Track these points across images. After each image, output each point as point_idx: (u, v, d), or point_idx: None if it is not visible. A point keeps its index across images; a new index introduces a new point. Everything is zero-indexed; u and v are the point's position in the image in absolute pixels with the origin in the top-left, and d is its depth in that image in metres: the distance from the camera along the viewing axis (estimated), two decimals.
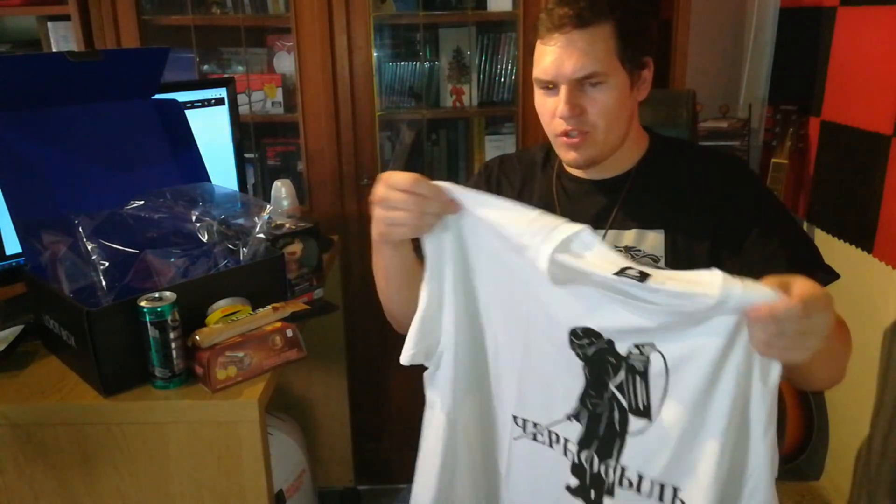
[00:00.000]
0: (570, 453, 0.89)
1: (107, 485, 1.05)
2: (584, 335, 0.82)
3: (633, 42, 1.01)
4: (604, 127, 1.02)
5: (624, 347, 0.80)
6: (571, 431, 0.87)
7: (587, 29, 0.99)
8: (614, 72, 1.00)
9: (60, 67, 1.18)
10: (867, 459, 1.77)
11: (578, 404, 0.86)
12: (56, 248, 1.08)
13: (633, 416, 0.82)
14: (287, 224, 1.34)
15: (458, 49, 2.13)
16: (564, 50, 1.00)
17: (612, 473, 0.85)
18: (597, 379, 0.83)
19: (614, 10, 1.00)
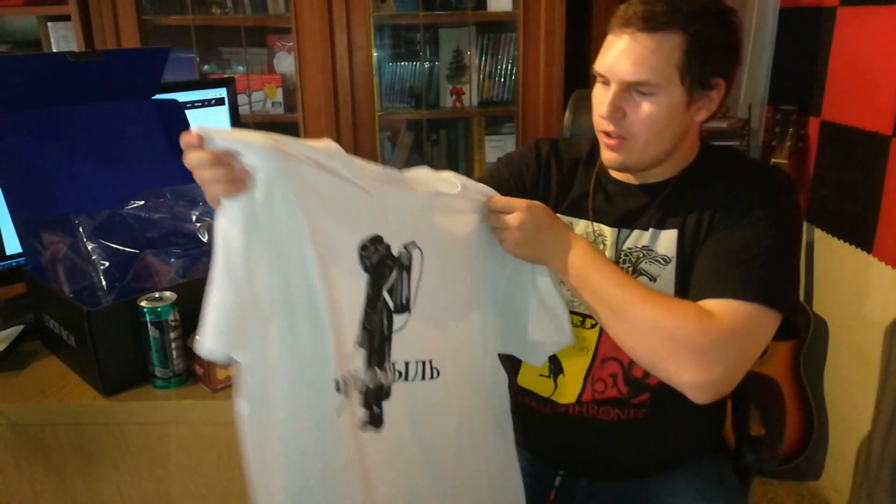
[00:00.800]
0: (360, 383, 0.88)
1: (107, 485, 1.06)
2: (370, 244, 0.89)
3: (703, 59, 0.95)
4: (644, 137, 0.98)
5: (396, 249, 0.91)
6: (359, 360, 0.88)
7: (653, 34, 0.94)
8: (669, 85, 0.95)
9: (60, 67, 1.18)
10: (867, 459, 1.77)
11: (360, 329, 0.88)
12: (56, 248, 1.08)
13: (396, 315, 0.92)
14: None
15: (458, 49, 2.13)
16: (625, 49, 0.96)
17: (389, 373, 0.92)
18: (375, 288, 0.90)
19: (691, 22, 0.93)
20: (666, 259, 1.02)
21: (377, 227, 0.88)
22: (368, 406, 0.90)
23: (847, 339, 1.86)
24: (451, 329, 0.97)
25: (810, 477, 2.05)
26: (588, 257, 0.95)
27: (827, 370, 1.96)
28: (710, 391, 0.90)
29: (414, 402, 0.94)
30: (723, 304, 0.90)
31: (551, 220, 0.97)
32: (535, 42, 1.98)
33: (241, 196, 0.76)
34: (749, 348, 0.92)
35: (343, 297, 0.86)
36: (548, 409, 1.08)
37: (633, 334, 0.93)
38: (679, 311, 0.91)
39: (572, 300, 1.04)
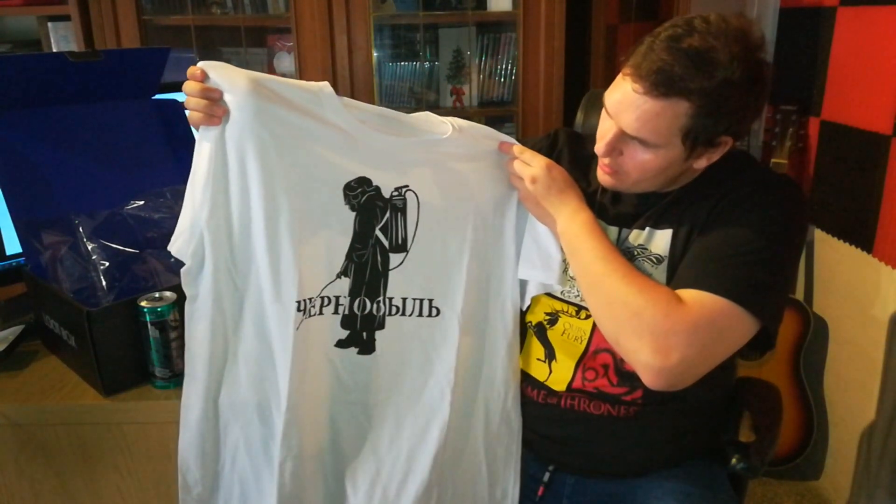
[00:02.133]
0: (341, 308, 0.99)
1: (107, 485, 1.06)
2: (357, 185, 0.96)
3: (709, 124, 0.92)
4: (636, 178, 0.99)
5: (387, 192, 0.98)
6: (342, 287, 0.98)
7: (659, 101, 0.90)
8: (668, 145, 0.94)
9: (60, 67, 1.18)
10: (867, 459, 1.77)
11: (346, 261, 0.98)
12: (56, 248, 1.08)
13: (392, 254, 1.00)
14: None
15: (458, 49, 2.13)
16: (632, 103, 0.92)
17: (382, 307, 1.00)
18: (365, 226, 0.98)
19: (703, 91, 0.89)
20: (659, 258, 1.02)
21: (364, 169, 0.96)
22: (354, 330, 1.00)
23: (847, 339, 1.85)
24: (452, 271, 1.02)
25: (810, 477, 2.05)
26: (586, 228, 0.99)
27: (827, 370, 1.96)
28: (664, 378, 0.90)
29: (409, 336, 1.02)
30: (694, 295, 0.91)
31: (565, 185, 1.02)
32: (535, 42, 1.98)
33: (214, 128, 0.89)
34: (713, 343, 0.91)
35: (320, 231, 0.95)
36: (541, 395, 1.09)
37: (603, 307, 0.96)
38: (650, 293, 0.92)
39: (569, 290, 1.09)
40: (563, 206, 1.00)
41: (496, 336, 1.06)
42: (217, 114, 0.89)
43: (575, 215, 1.00)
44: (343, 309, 0.99)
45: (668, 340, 0.88)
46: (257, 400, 0.96)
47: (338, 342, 1.00)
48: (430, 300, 1.02)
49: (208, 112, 0.89)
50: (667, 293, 0.92)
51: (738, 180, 1.01)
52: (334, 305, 0.99)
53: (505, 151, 1.03)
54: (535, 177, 0.99)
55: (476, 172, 1.02)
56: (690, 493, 1.06)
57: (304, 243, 0.94)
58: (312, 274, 0.95)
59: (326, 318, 0.98)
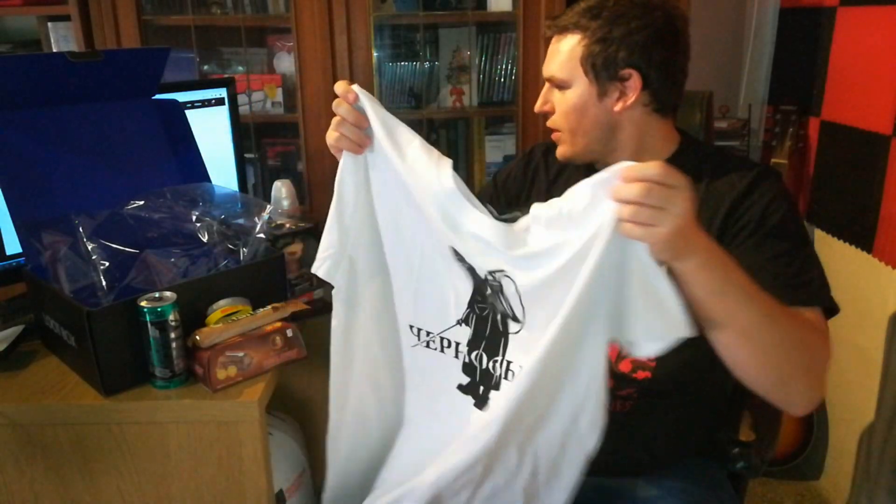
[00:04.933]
0: (461, 354, 0.96)
1: (107, 485, 1.06)
2: (455, 252, 0.92)
3: (605, 53, 1.01)
4: (567, 129, 1.08)
5: (482, 273, 0.90)
6: (462, 335, 0.95)
7: (561, 36, 1.05)
8: (575, 80, 1.04)
9: (60, 67, 1.18)
10: (867, 460, 1.77)
11: (468, 309, 0.94)
12: (56, 248, 1.08)
13: (510, 321, 0.91)
14: (287, 224, 1.34)
15: (458, 49, 2.13)
16: (548, 51, 1.09)
17: (499, 368, 0.92)
18: (478, 286, 0.93)
19: (593, 20, 1.02)
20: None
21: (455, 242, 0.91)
22: (474, 380, 0.96)
23: (847, 339, 1.85)
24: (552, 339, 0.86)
25: (810, 477, 2.05)
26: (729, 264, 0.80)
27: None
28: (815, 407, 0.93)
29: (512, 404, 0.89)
30: (816, 315, 0.93)
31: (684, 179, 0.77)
32: (535, 42, 1.98)
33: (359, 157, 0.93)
34: None
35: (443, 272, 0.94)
36: None
37: (774, 350, 0.84)
38: (810, 327, 0.90)
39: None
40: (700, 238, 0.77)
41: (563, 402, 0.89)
42: (364, 143, 0.91)
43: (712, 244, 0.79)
44: (463, 357, 0.96)
45: (825, 375, 0.90)
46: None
47: (459, 385, 0.97)
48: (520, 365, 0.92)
49: (357, 140, 0.91)
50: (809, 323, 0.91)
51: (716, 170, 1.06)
52: (455, 350, 0.97)
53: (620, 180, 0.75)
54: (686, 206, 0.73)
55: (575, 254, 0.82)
56: (690, 492, 1.06)
57: (425, 279, 0.96)
58: (431, 309, 0.97)
59: (448, 358, 0.97)
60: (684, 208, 0.72)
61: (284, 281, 1.26)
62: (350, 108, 0.90)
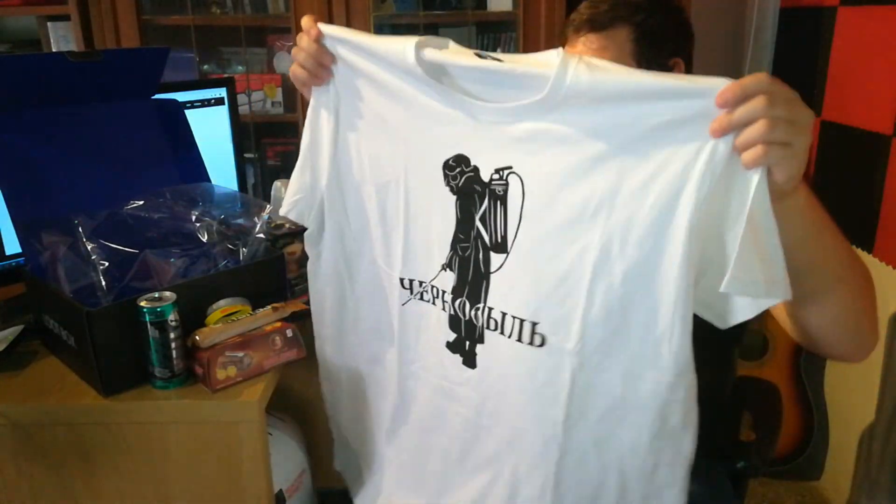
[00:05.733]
0: (447, 305, 0.87)
1: (107, 485, 1.05)
2: (455, 164, 0.80)
3: (653, 44, 1.03)
4: None
5: (487, 174, 0.78)
6: (447, 282, 0.86)
7: (602, 33, 1.02)
8: None
9: (60, 67, 1.18)
10: (867, 459, 1.77)
11: (451, 251, 0.85)
12: (56, 248, 1.08)
13: (493, 254, 0.80)
14: (287, 224, 1.34)
15: None
16: (581, 51, 1.03)
17: (482, 316, 0.83)
18: (466, 215, 0.82)
19: (634, 13, 1.02)
20: None
21: (462, 144, 0.79)
22: (460, 336, 0.87)
23: None
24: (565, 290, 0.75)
25: (810, 477, 2.05)
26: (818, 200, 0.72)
27: (827, 370, 1.96)
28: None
29: (509, 361, 0.81)
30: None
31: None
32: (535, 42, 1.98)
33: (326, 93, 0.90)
34: None
35: (425, 211, 0.87)
36: None
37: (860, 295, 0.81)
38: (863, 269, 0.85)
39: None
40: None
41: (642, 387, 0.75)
42: (324, 77, 0.90)
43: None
44: (448, 307, 0.86)
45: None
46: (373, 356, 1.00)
47: (447, 343, 0.88)
48: (534, 324, 0.78)
49: (315, 73, 0.90)
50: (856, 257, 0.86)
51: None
52: (441, 301, 0.87)
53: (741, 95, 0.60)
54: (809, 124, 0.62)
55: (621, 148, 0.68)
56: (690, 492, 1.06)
57: (411, 221, 0.88)
58: (420, 255, 0.88)
59: (438, 310, 0.88)
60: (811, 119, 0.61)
61: (284, 281, 1.26)
62: (311, 41, 0.88)
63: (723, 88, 0.60)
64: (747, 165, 0.61)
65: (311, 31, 0.88)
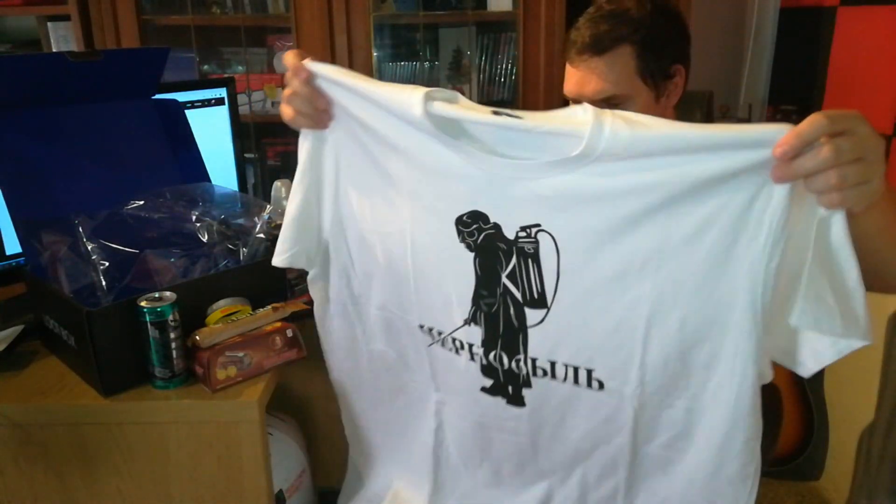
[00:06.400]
0: (477, 357, 0.85)
1: (107, 485, 1.05)
2: (470, 221, 0.77)
3: (656, 56, 1.05)
4: None
5: (511, 231, 0.75)
6: (474, 335, 0.84)
7: (605, 55, 1.03)
8: (636, 91, 1.05)
9: (60, 67, 1.18)
10: (867, 459, 1.77)
11: (473, 307, 0.82)
12: (56, 248, 1.08)
13: (528, 309, 0.78)
14: None
15: (458, 49, 2.13)
16: (585, 74, 1.05)
17: (525, 366, 0.82)
18: (488, 272, 0.79)
19: (635, 31, 1.03)
20: None
21: (479, 201, 0.76)
22: (498, 381, 0.85)
23: None
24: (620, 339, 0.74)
25: (810, 477, 2.05)
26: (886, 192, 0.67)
27: (827, 370, 1.95)
28: None
29: (566, 400, 0.81)
30: None
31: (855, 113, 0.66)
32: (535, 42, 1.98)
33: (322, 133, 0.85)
34: None
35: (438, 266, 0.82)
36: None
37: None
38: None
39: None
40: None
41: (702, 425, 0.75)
42: (323, 121, 0.84)
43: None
44: (479, 359, 0.85)
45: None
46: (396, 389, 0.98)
47: (482, 388, 0.87)
48: (590, 371, 0.78)
49: (314, 118, 0.84)
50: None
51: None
52: (469, 353, 0.86)
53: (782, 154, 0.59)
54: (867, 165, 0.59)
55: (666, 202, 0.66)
56: None
57: (420, 273, 0.84)
58: (437, 307, 0.85)
59: (464, 360, 0.86)
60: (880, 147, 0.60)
61: (284, 281, 1.26)
62: (301, 83, 0.82)
63: (780, 140, 0.58)
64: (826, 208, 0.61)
65: (299, 72, 0.81)
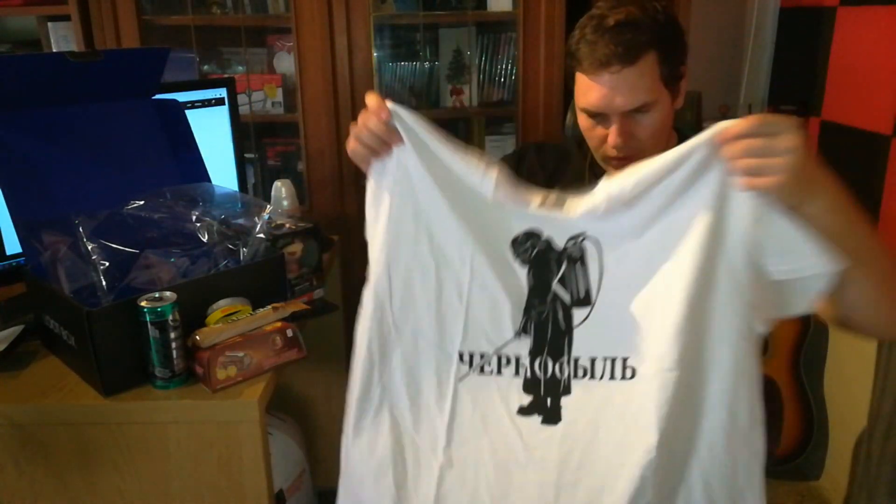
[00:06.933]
0: (522, 368, 0.90)
1: (107, 485, 1.06)
2: (525, 239, 0.89)
3: (673, 61, 1.04)
4: (651, 144, 1.04)
5: (560, 242, 0.88)
6: (522, 347, 0.90)
7: (636, 64, 1.00)
8: (661, 95, 1.04)
9: (60, 67, 1.18)
10: (867, 459, 1.77)
11: (524, 317, 0.90)
12: (56, 248, 1.08)
13: (575, 309, 0.89)
14: (287, 224, 1.34)
15: (458, 49, 2.12)
16: (615, 87, 1.01)
17: (567, 368, 0.89)
18: (540, 281, 0.90)
19: (656, 37, 1.01)
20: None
21: (531, 225, 0.89)
22: (538, 396, 0.90)
23: (847, 340, 1.85)
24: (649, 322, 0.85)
25: (810, 477, 2.05)
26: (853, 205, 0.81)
27: (827, 370, 1.96)
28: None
29: (601, 405, 0.87)
30: None
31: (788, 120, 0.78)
32: (535, 42, 1.98)
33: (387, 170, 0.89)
34: None
35: (492, 284, 0.89)
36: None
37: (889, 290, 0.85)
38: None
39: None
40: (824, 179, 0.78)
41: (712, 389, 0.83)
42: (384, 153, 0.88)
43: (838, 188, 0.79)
44: (524, 371, 0.90)
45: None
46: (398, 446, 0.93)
47: (520, 409, 0.90)
48: (625, 359, 0.86)
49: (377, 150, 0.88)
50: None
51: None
52: (514, 366, 0.91)
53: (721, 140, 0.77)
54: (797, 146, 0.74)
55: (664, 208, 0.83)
56: None
57: (475, 298, 0.90)
58: (485, 327, 0.90)
59: (506, 379, 0.90)
60: (793, 150, 0.73)
61: (284, 281, 1.26)
62: (380, 122, 0.86)
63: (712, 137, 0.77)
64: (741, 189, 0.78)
65: (380, 112, 0.85)
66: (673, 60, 1.04)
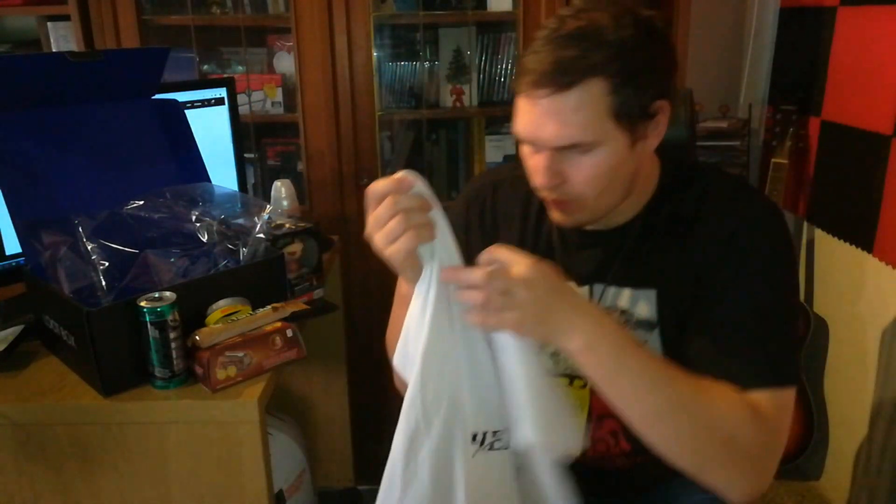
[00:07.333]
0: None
1: (107, 485, 1.06)
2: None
3: (636, 91, 0.81)
4: (592, 195, 0.86)
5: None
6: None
7: (571, 91, 0.78)
8: (606, 136, 0.81)
9: (60, 67, 1.18)
10: (867, 459, 1.77)
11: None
12: (56, 249, 1.08)
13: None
14: (287, 224, 1.34)
15: (458, 49, 2.12)
16: (544, 113, 0.80)
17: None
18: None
19: (611, 59, 0.78)
20: (650, 324, 0.93)
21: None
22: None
23: (847, 339, 1.85)
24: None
25: (810, 477, 2.05)
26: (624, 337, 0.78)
27: (827, 370, 1.96)
28: (755, 495, 0.80)
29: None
30: (764, 397, 0.81)
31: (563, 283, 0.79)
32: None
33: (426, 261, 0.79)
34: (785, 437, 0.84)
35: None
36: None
37: (679, 440, 0.78)
38: (733, 412, 0.78)
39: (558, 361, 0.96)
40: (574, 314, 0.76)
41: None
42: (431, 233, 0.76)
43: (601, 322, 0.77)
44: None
45: (764, 462, 0.80)
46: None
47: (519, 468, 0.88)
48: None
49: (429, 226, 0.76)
50: (742, 405, 0.79)
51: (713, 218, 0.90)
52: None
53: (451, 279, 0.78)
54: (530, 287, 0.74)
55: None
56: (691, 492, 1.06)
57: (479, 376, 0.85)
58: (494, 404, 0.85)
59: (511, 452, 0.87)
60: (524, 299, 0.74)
61: (284, 281, 1.26)
62: (411, 195, 0.75)
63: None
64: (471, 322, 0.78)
65: (404, 183, 0.75)
66: (635, 91, 0.80)
